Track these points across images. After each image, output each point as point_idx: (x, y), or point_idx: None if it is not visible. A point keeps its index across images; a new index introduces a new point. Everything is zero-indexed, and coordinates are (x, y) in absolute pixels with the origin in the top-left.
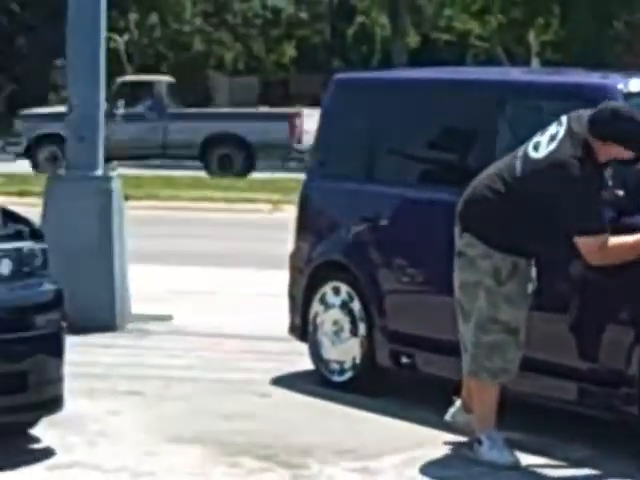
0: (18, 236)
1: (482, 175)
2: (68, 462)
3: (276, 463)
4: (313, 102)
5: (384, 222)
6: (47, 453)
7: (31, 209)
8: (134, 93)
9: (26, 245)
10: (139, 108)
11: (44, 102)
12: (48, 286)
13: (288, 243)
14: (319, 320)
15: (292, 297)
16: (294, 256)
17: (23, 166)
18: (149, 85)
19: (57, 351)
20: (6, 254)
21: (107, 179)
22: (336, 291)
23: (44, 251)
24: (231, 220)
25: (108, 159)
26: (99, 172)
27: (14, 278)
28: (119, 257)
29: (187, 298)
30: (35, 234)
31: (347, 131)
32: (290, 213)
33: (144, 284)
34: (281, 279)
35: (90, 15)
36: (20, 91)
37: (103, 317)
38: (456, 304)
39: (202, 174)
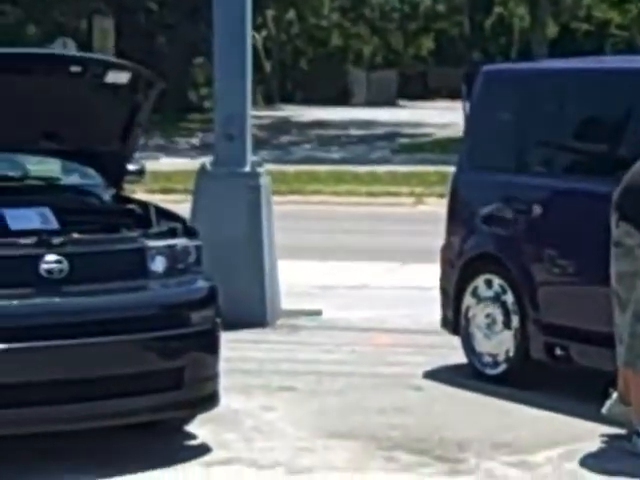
0: (171, 233)
1: (638, 164)
2: (223, 458)
3: (432, 457)
4: (451, 95)
5: (536, 214)
6: (203, 450)
7: (176, 206)
8: None
9: (180, 242)
10: None
11: (184, 100)
12: (202, 283)
13: (432, 236)
14: (471, 313)
15: (444, 290)
16: (445, 249)
17: (166, 163)
18: None
19: (212, 348)
20: (160, 252)
21: (255, 175)
22: (489, 284)
23: (198, 248)
24: (374, 214)
25: None
26: (247, 168)
27: (168, 275)
28: (268, 253)
29: (335, 293)
30: (189, 231)
31: (497, 122)
32: (433, 206)
33: (292, 279)
34: (428, 272)
35: (237, 14)
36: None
37: (254, 313)
38: (612, 294)
39: (345, 168)
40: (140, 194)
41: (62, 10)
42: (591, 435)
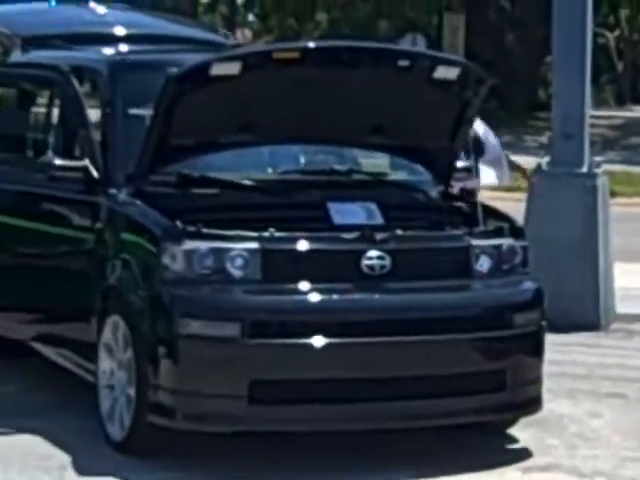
0: (498, 233)
1: None
2: (543, 464)
3: None
4: None
5: None
6: (523, 454)
7: (517, 205)
8: None
9: (506, 242)
10: None
11: (533, 98)
12: (528, 284)
13: None
14: None
15: None
16: None
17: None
18: None
19: (536, 351)
20: (485, 251)
21: (592, 176)
22: None
23: (524, 249)
24: None
25: None
26: (584, 169)
27: (493, 276)
28: (604, 255)
29: None
30: (516, 231)
31: None
32: None
33: (628, 283)
34: None
35: (577, 13)
36: (506, 86)
37: (586, 316)
38: None
39: None
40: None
41: (413, 6)
42: None
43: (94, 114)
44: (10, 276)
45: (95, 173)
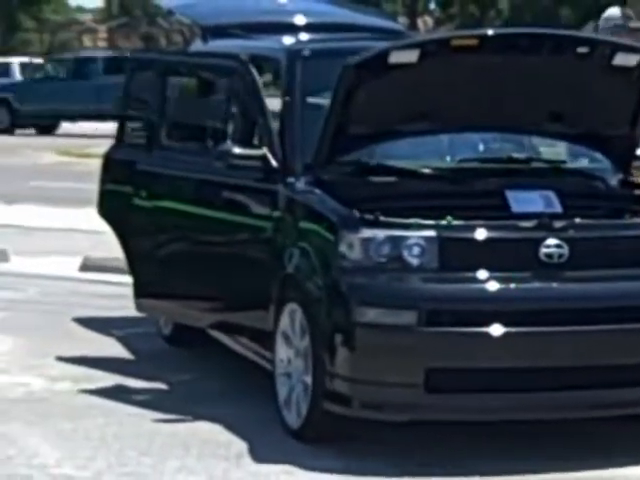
0: None
1: None
2: None
3: None
4: None
5: None
6: None
7: None
8: None
9: None
10: None
11: None
12: None
13: None
14: None
15: None
16: None
17: None
18: None
19: None
20: None
21: None
22: None
23: None
24: None
25: None
26: None
27: None
28: None
29: None
30: None
31: None
32: None
33: None
34: None
35: None
36: None
37: None
38: None
39: None
40: None
41: None
42: None
43: (273, 103)
44: (189, 264)
45: (274, 162)
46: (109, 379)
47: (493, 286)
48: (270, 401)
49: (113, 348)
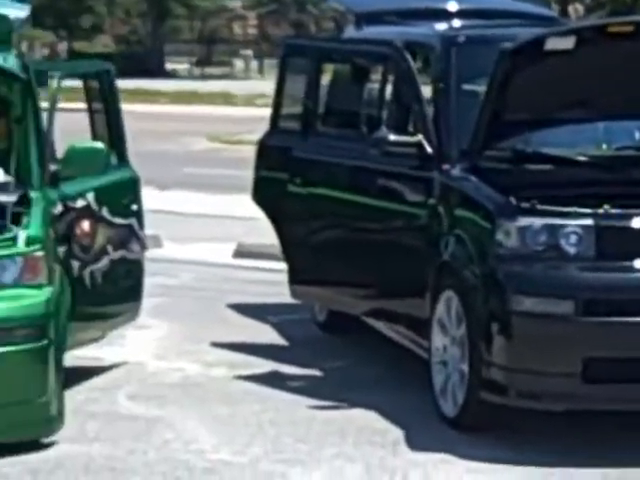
0: None
1: None
2: None
3: None
4: None
5: None
6: None
7: None
8: None
9: None
10: None
11: None
12: None
13: None
14: None
15: None
16: None
17: None
18: None
19: None
20: None
21: None
22: None
23: None
24: None
25: None
26: None
27: None
28: None
29: None
30: None
31: None
32: None
33: None
34: None
35: None
36: None
37: None
38: None
39: None
40: None
41: None
42: None
43: (426, 90)
44: (344, 251)
45: (429, 149)
46: (264, 365)
47: None
48: (425, 389)
49: (268, 334)
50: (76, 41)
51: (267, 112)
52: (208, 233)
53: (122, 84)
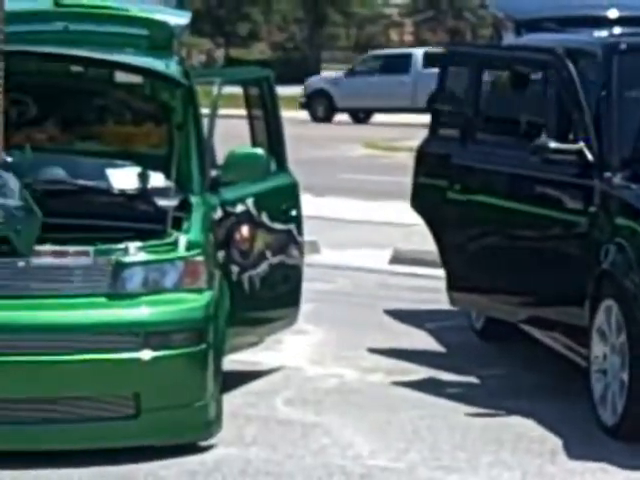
0: None
1: None
2: None
3: None
4: None
5: None
6: None
7: None
8: None
9: None
10: None
11: None
12: None
13: None
14: None
15: None
16: None
17: None
18: None
19: None
20: None
21: None
22: None
23: None
24: None
25: None
26: None
27: None
28: None
29: None
30: None
31: None
32: None
33: None
34: None
35: None
36: None
37: None
38: None
39: None
40: None
41: None
42: None
43: (586, 97)
44: (502, 258)
45: (590, 156)
46: (421, 372)
47: None
48: (583, 397)
49: (424, 341)
50: (233, 48)
51: (422, 119)
52: (365, 239)
53: (280, 91)
